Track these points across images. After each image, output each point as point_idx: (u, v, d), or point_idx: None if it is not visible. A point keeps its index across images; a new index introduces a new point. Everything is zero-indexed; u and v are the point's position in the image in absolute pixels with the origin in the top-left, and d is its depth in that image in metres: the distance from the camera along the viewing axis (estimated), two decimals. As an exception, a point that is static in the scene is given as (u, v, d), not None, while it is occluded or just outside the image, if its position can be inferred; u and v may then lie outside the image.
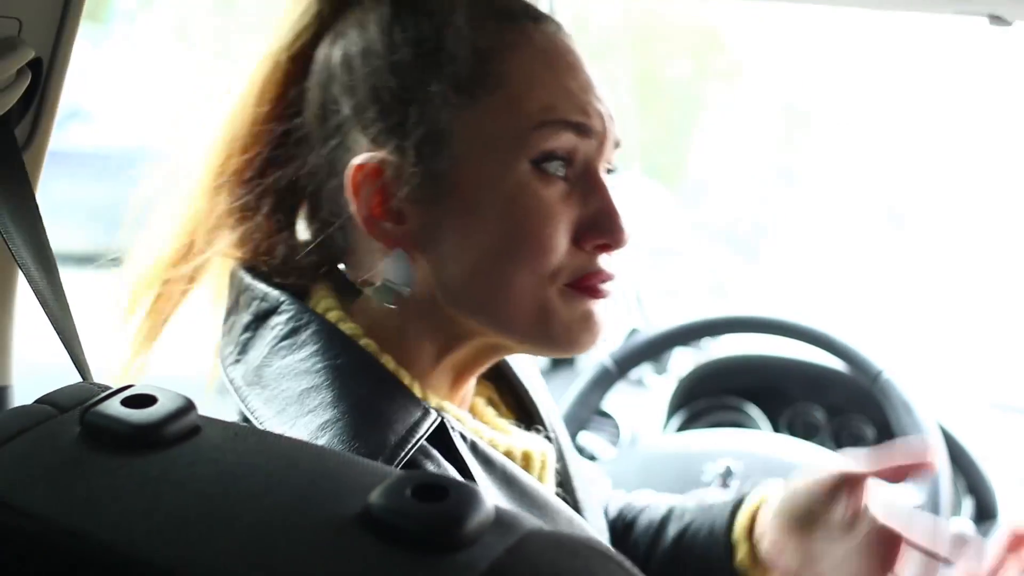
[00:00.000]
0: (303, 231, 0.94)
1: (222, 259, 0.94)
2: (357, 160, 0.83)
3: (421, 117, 0.82)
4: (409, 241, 0.84)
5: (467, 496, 0.51)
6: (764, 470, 1.68)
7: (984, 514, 1.77)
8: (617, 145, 0.86)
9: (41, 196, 0.87)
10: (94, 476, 0.54)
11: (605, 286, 0.85)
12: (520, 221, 0.81)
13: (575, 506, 0.97)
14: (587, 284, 0.84)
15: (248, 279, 0.90)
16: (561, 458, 0.99)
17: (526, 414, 1.01)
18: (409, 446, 0.78)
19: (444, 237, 0.83)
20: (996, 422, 2.00)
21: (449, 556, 0.48)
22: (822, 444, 1.85)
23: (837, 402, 1.94)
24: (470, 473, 0.82)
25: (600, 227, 0.83)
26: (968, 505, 1.78)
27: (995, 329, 2.69)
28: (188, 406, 0.58)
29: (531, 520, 0.53)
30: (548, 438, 0.98)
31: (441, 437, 0.82)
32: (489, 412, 0.97)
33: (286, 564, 0.49)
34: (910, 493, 1.55)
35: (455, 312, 0.85)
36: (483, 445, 0.86)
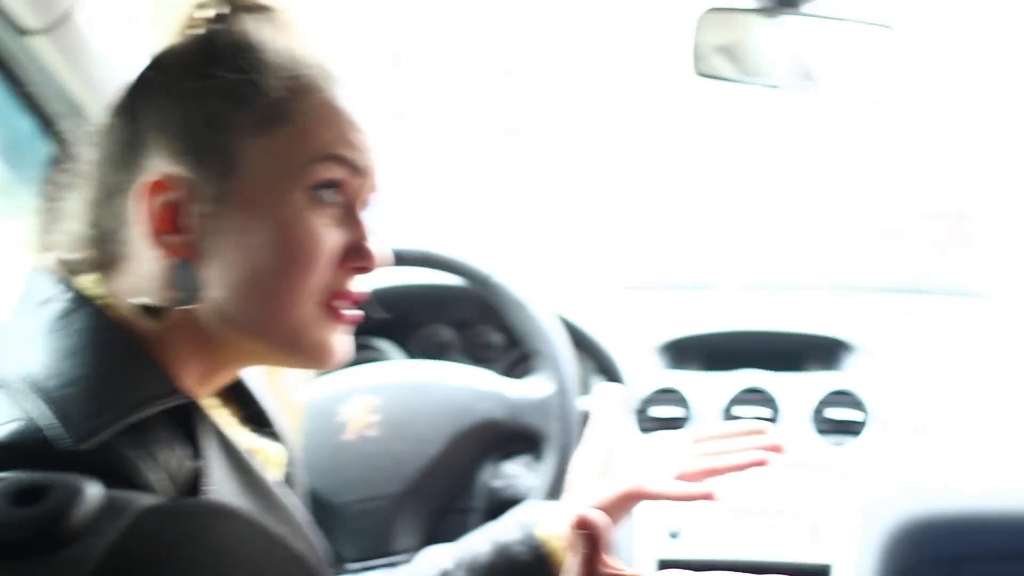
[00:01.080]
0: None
1: None
2: (150, 176, 0.91)
3: (221, 141, 0.92)
4: (190, 251, 0.91)
5: (68, 489, 0.49)
6: (404, 397, 1.72)
7: (613, 389, 1.90)
8: (375, 188, 0.99)
9: None
10: None
11: (350, 312, 0.97)
12: (293, 242, 0.92)
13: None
14: (338, 308, 0.96)
15: (38, 271, 0.95)
16: (290, 463, 1.11)
17: (257, 427, 1.09)
18: (147, 409, 0.85)
19: (222, 249, 0.92)
20: (628, 301, 2.19)
21: (56, 554, 0.46)
22: (457, 360, 1.91)
23: (463, 317, 2.01)
24: (204, 454, 0.89)
25: (358, 252, 0.96)
26: (599, 383, 1.91)
27: (627, 221, 2.87)
28: None
29: (146, 498, 0.52)
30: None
31: (184, 419, 0.90)
32: (224, 413, 1.05)
33: None
34: (539, 384, 1.64)
35: (219, 317, 0.93)
36: (227, 433, 0.96)
